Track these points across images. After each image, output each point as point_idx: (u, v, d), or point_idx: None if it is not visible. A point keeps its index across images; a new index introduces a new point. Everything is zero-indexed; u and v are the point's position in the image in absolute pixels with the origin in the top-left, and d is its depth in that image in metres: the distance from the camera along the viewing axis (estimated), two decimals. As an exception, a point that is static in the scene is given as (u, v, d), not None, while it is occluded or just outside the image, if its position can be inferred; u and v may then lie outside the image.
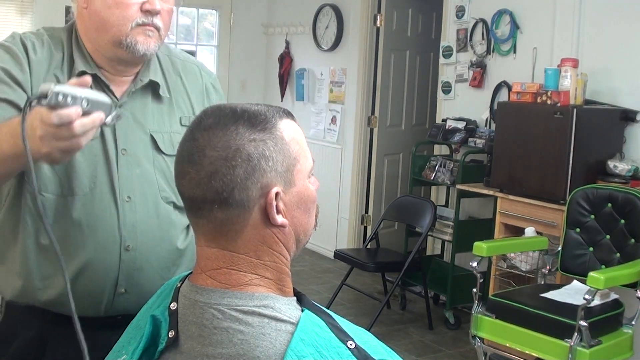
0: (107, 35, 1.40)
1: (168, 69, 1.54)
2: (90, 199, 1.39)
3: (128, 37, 1.38)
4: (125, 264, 1.41)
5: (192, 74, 1.59)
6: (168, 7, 1.44)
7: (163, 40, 1.46)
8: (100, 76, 1.43)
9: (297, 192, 1.00)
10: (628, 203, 3.32)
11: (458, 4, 4.79)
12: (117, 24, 1.38)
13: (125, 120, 1.42)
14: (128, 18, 1.38)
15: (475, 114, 4.68)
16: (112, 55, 1.42)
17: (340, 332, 0.95)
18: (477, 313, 3.26)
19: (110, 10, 1.38)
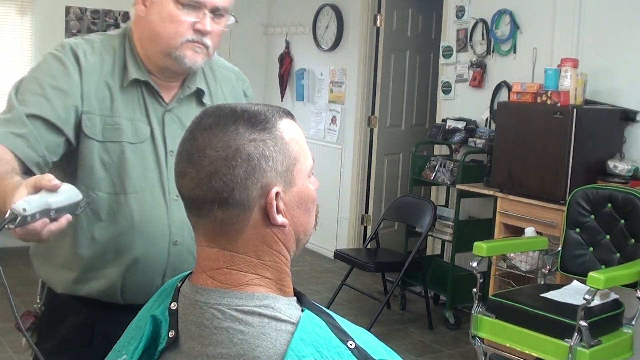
0: (158, 46, 1.50)
1: (209, 77, 1.65)
2: (142, 197, 1.50)
3: (177, 51, 1.48)
4: (173, 257, 1.53)
5: (229, 81, 1.70)
6: (218, 28, 1.53)
7: (210, 57, 1.56)
8: (151, 83, 1.54)
9: (297, 192, 1.00)
10: (628, 203, 3.32)
11: (458, 4, 4.79)
12: (169, 37, 1.48)
13: (173, 124, 1.55)
14: (180, 34, 1.48)
15: (475, 114, 4.68)
16: (161, 64, 1.52)
17: (341, 332, 0.95)
18: (477, 313, 3.26)
19: (164, 23, 1.48)
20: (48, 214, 1.09)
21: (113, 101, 1.50)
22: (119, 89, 1.51)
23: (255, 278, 0.98)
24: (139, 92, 1.53)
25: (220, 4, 1.52)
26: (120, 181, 1.49)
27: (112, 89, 1.51)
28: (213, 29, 1.51)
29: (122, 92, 1.52)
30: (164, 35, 1.48)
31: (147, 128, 1.52)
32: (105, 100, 1.50)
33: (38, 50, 5.82)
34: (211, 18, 1.51)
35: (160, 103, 1.55)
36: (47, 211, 1.09)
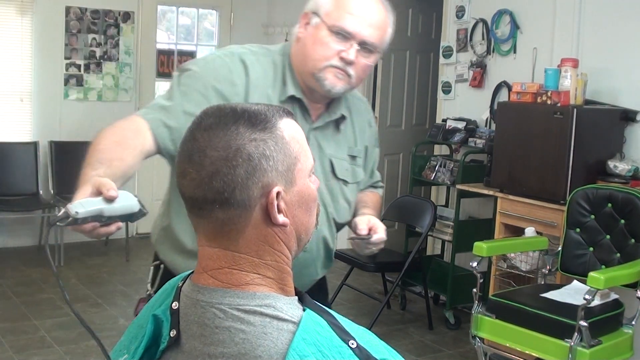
0: (306, 66, 1.64)
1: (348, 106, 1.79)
2: None
3: (320, 72, 1.62)
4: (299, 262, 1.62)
5: (359, 111, 1.84)
6: (365, 62, 1.65)
7: (353, 86, 1.69)
8: (304, 101, 1.68)
9: (298, 191, 1.00)
10: (628, 203, 3.32)
11: (458, 4, 4.79)
12: (315, 59, 1.62)
13: (314, 142, 1.70)
14: (325, 58, 1.61)
15: (475, 114, 4.68)
16: (308, 83, 1.66)
17: (342, 331, 0.95)
18: (477, 313, 3.26)
19: (315, 46, 1.62)
20: (100, 219, 1.17)
21: None
22: (277, 102, 1.65)
23: (256, 277, 0.98)
24: (293, 107, 1.66)
25: (368, 39, 1.63)
26: None
27: (272, 101, 1.64)
28: (358, 61, 1.63)
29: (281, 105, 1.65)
30: (312, 56, 1.62)
31: None
32: None
33: (38, 50, 5.82)
34: (358, 50, 1.62)
35: (307, 121, 1.69)
36: (99, 217, 1.16)
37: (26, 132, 5.87)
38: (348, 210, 1.82)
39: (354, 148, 1.81)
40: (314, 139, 1.69)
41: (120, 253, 5.76)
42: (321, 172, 1.70)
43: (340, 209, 1.78)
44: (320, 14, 1.64)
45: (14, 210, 5.61)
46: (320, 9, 1.64)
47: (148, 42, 6.30)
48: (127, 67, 6.17)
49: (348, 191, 1.80)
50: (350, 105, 1.80)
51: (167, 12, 6.64)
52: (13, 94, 5.77)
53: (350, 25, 1.61)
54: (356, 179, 1.83)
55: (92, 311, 4.41)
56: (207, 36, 6.85)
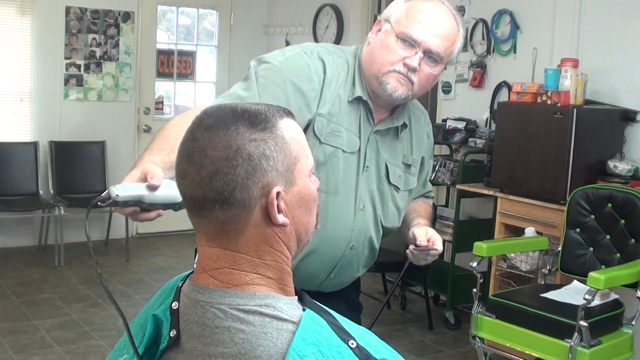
0: (371, 69, 1.71)
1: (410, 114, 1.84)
2: (338, 199, 1.71)
3: (383, 76, 1.68)
4: (345, 258, 1.75)
5: (419, 121, 1.89)
6: (429, 71, 1.70)
7: (415, 95, 1.73)
8: (369, 103, 1.73)
9: (298, 192, 1.00)
10: (628, 203, 3.32)
11: (458, 4, 4.79)
12: (380, 63, 1.69)
13: (373, 144, 1.76)
14: (390, 62, 1.67)
15: (475, 114, 4.68)
16: (372, 86, 1.72)
17: (342, 331, 0.95)
18: (477, 313, 3.26)
19: (382, 51, 1.69)
20: (140, 204, 1.20)
21: (340, 111, 1.71)
22: (346, 102, 1.72)
23: (256, 277, 0.98)
24: (359, 108, 1.74)
25: (434, 48, 1.68)
26: (325, 180, 1.67)
27: (342, 100, 1.71)
28: (422, 69, 1.68)
29: (349, 105, 1.72)
30: (378, 60, 1.69)
31: (358, 141, 1.73)
32: (335, 108, 1.70)
33: (38, 50, 5.82)
34: (422, 59, 1.67)
35: (370, 123, 1.75)
36: (139, 202, 1.20)
37: (26, 132, 5.87)
38: (397, 216, 1.87)
39: (409, 157, 1.86)
40: (373, 140, 1.76)
41: (120, 253, 5.77)
42: (375, 175, 1.77)
43: (389, 214, 1.83)
44: (391, 21, 1.72)
45: (14, 210, 5.61)
46: (392, 16, 1.73)
47: (148, 42, 6.30)
48: (127, 67, 6.17)
49: (399, 197, 1.85)
50: (411, 115, 1.85)
51: (167, 12, 6.64)
52: (13, 94, 5.77)
53: (417, 33, 1.67)
54: (408, 187, 1.87)
55: (92, 311, 4.41)
56: (207, 36, 6.85)
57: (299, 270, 1.59)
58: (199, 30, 6.75)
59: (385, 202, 1.81)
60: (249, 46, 6.63)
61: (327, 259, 1.72)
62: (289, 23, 6.45)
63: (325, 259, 1.72)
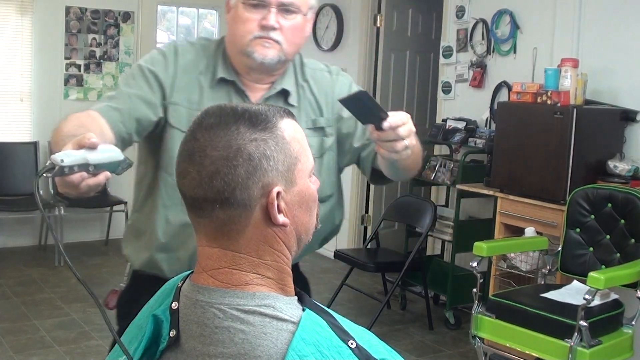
0: (236, 47, 1.66)
1: (299, 78, 1.77)
2: None
3: (248, 47, 1.63)
4: None
5: (322, 79, 1.81)
6: (290, 23, 1.64)
7: (288, 53, 1.67)
8: (237, 83, 1.68)
9: (299, 192, 1.00)
10: (628, 203, 3.32)
11: (458, 4, 4.79)
12: (240, 36, 1.64)
13: None
14: (248, 32, 1.62)
15: (475, 114, 4.68)
16: (242, 63, 1.67)
17: (342, 331, 0.95)
18: (477, 313, 3.26)
19: (237, 25, 1.64)
20: (87, 169, 1.15)
21: (202, 97, 1.67)
22: (208, 87, 1.68)
23: (256, 277, 0.98)
24: (228, 91, 1.69)
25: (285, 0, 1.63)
26: None
27: (203, 87, 1.68)
28: (282, 24, 1.62)
29: (212, 91, 1.68)
30: (237, 34, 1.64)
31: None
32: (194, 95, 1.67)
33: (38, 50, 5.82)
34: (278, 14, 1.62)
35: (246, 102, 1.67)
36: (85, 166, 1.15)
37: (26, 132, 5.87)
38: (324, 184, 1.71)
39: (318, 119, 1.77)
40: None
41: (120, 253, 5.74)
42: None
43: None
44: None
45: (14, 210, 5.61)
46: None
47: (148, 42, 6.29)
48: (127, 67, 6.16)
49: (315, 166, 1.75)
50: (309, 77, 1.78)
51: (167, 12, 6.64)
52: (13, 94, 5.77)
53: None
54: (323, 150, 1.78)
55: (92, 311, 4.41)
56: (207, 36, 6.84)
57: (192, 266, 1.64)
58: (199, 30, 6.75)
59: None
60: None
61: None
62: (289, 23, 6.44)
63: None
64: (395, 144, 1.45)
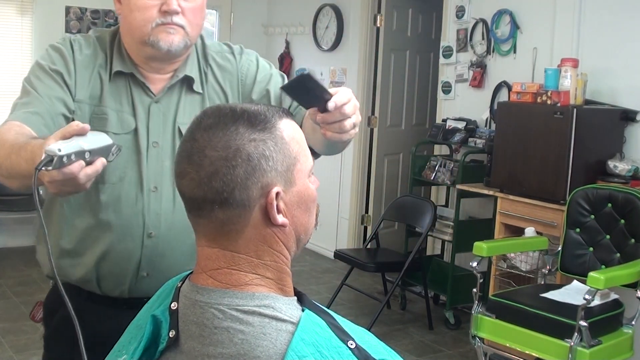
0: (134, 36, 1.52)
1: (202, 63, 1.63)
2: (119, 187, 1.51)
3: (151, 37, 1.49)
4: (147, 249, 1.52)
5: (227, 61, 1.66)
6: (191, 5, 1.52)
7: (192, 37, 1.55)
8: (136, 75, 1.55)
9: (298, 192, 1.00)
10: (628, 203, 3.32)
11: (458, 4, 4.79)
12: (139, 25, 1.49)
13: (158, 114, 1.55)
14: (148, 20, 1.48)
15: (475, 114, 4.68)
16: (143, 53, 1.53)
17: (341, 331, 0.95)
18: (477, 313, 3.26)
19: (133, 14, 1.49)
20: (83, 156, 1.10)
21: (102, 92, 1.54)
22: (107, 81, 1.55)
23: (255, 278, 0.98)
24: (126, 84, 1.56)
25: None
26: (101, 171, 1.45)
27: (103, 81, 1.55)
28: (183, 7, 1.50)
29: (110, 84, 1.55)
30: (134, 24, 1.50)
31: (133, 120, 1.54)
32: (96, 90, 1.54)
33: (38, 50, 5.82)
34: None
35: (148, 94, 1.56)
36: (81, 153, 1.09)
37: (26, 132, 5.87)
38: None
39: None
40: (157, 111, 1.55)
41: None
42: (170, 148, 1.54)
43: None
44: None
45: (14, 210, 5.61)
46: None
47: (148, 42, 6.29)
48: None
49: None
50: (211, 62, 1.64)
51: (167, 12, 6.64)
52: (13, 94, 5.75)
53: None
54: None
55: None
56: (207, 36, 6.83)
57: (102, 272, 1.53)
58: (199, 30, 6.74)
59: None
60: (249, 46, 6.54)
61: (125, 254, 1.52)
62: (289, 23, 6.45)
63: (124, 254, 1.52)
64: (343, 123, 1.32)
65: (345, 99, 1.30)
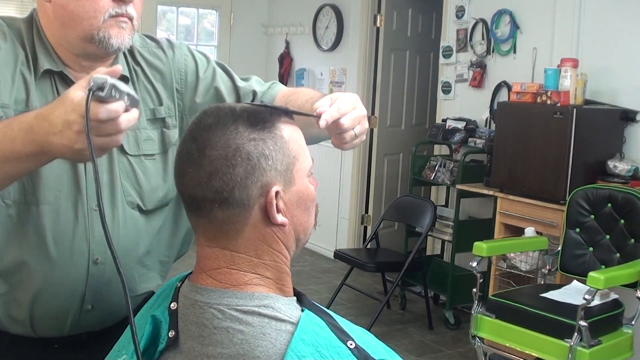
0: (76, 31, 1.25)
1: (131, 62, 1.39)
2: (56, 208, 1.25)
3: (100, 31, 1.23)
4: (93, 278, 1.29)
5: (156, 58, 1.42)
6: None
7: (135, 31, 1.32)
8: (67, 74, 1.30)
9: (297, 191, 1.00)
10: (628, 203, 3.32)
11: (458, 4, 4.79)
12: (88, 17, 1.23)
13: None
14: (99, 10, 1.23)
15: (475, 114, 4.68)
16: (80, 51, 1.28)
17: (340, 332, 0.95)
18: (477, 313, 3.25)
19: (79, 2, 1.23)
20: (124, 98, 0.97)
21: (28, 94, 1.27)
22: (33, 81, 1.28)
23: (255, 278, 0.98)
24: (52, 84, 1.29)
25: None
26: (32, 188, 1.24)
27: (28, 82, 1.27)
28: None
29: (36, 85, 1.28)
30: (81, 15, 1.23)
31: None
32: (21, 93, 1.26)
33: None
34: None
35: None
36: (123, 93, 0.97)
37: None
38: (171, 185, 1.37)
39: (158, 109, 1.38)
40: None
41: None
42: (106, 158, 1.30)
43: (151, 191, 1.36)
44: None
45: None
46: None
47: (148, 42, 6.29)
48: None
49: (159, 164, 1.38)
50: (139, 59, 1.39)
51: (167, 12, 6.63)
52: (13, 94, 5.78)
53: None
54: (166, 145, 1.39)
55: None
56: (207, 36, 6.85)
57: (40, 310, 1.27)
58: (199, 31, 6.75)
59: (137, 182, 1.33)
60: (249, 46, 6.63)
61: (68, 286, 1.27)
62: (289, 23, 6.45)
63: (66, 286, 1.27)
64: (342, 135, 1.18)
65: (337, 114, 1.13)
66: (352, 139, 1.19)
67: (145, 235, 1.36)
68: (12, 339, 1.31)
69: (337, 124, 1.14)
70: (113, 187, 1.31)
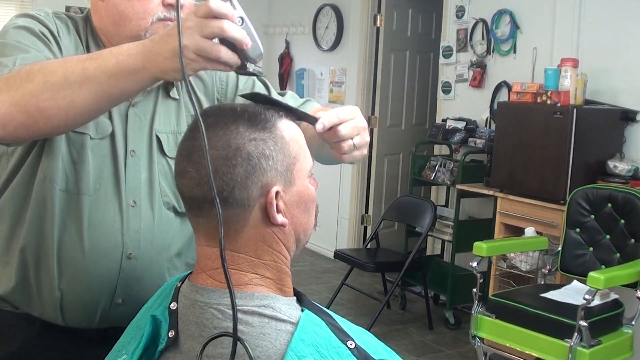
0: (125, 30, 1.30)
1: None
2: (95, 200, 1.29)
3: (148, 33, 1.27)
4: (125, 272, 1.31)
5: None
6: (190, 2, 1.33)
7: None
8: None
9: (297, 192, 1.00)
10: (628, 203, 3.32)
11: (458, 4, 4.79)
12: (137, 17, 1.28)
13: (136, 120, 1.34)
14: (149, 12, 1.28)
15: (475, 114, 4.68)
16: None
17: (340, 332, 0.95)
18: (477, 313, 3.25)
19: (130, 3, 1.28)
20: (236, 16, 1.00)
21: None
22: None
23: (255, 278, 0.98)
24: None
25: None
26: (75, 179, 1.28)
27: None
28: (184, 2, 1.28)
29: None
30: (130, 15, 1.28)
31: (109, 124, 1.30)
32: None
33: (38, 50, 5.82)
34: None
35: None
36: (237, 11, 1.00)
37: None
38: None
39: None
40: (134, 116, 1.33)
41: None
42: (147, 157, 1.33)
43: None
44: None
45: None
46: None
47: (148, 42, 6.29)
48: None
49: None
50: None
51: (167, 12, 6.63)
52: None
53: None
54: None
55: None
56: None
57: (68, 299, 1.29)
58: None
59: (171, 183, 1.35)
60: (249, 46, 6.61)
61: (100, 278, 1.29)
62: (289, 23, 6.45)
63: (98, 279, 1.29)
64: (340, 144, 1.18)
65: (336, 119, 1.14)
66: (350, 149, 1.19)
67: (179, 237, 1.38)
68: (43, 325, 1.32)
69: (335, 131, 1.15)
70: (152, 186, 1.34)
